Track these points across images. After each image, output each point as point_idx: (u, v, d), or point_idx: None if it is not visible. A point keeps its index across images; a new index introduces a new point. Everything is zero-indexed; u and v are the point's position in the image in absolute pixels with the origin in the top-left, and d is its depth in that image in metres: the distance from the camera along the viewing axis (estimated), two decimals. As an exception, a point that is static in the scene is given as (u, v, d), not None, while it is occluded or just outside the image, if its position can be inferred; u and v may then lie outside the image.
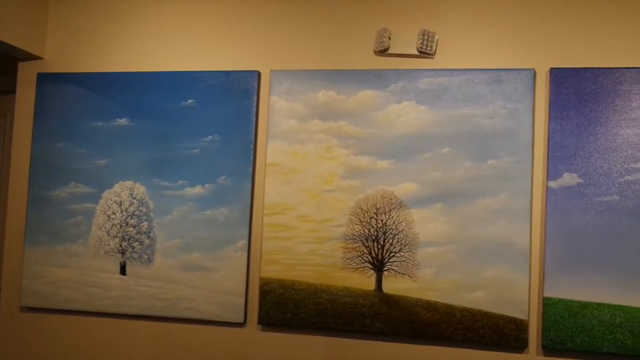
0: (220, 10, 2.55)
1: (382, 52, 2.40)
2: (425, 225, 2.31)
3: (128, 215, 2.53)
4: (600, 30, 2.26)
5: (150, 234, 2.50)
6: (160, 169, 2.51)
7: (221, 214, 2.45)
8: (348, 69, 2.42)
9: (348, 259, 2.37)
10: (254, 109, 2.47)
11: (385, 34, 2.38)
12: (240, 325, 2.45)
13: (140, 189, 2.52)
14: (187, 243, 2.47)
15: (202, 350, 2.48)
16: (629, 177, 2.19)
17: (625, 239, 2.18)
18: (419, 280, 2.31)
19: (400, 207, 2.34)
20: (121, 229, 2.53)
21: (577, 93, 2.24)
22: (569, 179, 2.23)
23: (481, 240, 2.27)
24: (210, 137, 2.48)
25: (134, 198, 2.52)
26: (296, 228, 2.40)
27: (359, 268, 2.36)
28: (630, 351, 2.14)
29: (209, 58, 2.56)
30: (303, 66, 2.46)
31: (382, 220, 2.35)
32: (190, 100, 2.51)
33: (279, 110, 2.45)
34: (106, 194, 2.55)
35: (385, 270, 2.34)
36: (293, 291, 2.39)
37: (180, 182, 2.49)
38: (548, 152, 2.25)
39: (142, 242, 2.51)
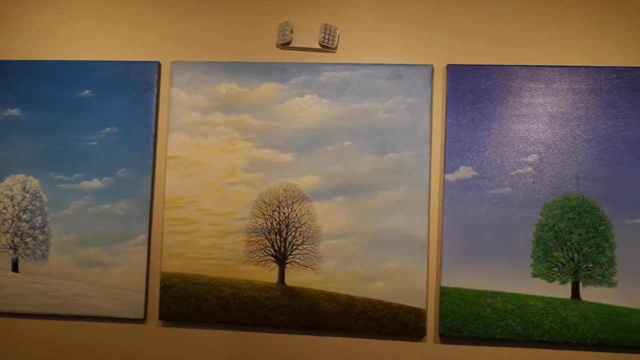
0: (120, -1, 2.49)
1: (285, 45, 2.39)
2: (327, 217, 2.33)
3: (20, 210, 2.42)
4: (495, 28, 2.34)
5: (45, 229, 2.41)
6: (55, 161, 2.42)
7: (120, 208, 2.39)
8: (250, 61, 2.40)
9: (250, 252, 2.36)
10: (154, 101, 2.41)
11: (287, 28, 2.37)
12: (141, 321, 2.40)
13: (33, 183, 2.42)
14: (84, 238, 2.39)
15: (101, 348, 2.41)
16: (520, 171, 2.28)
17: (516, 229, 2.27)
18: (321, 272, 2.32)
19: (302, 200, 2.35)
20: (13, 224, 2.43)
21: (472, 89, 2.31)
22: (464, 172, 2.29)
23: (381, 232, 2.31)
24: (108, 129, 2.41)
25: (27, 192, 2.42)
26: (198, 222, 2.37)
27: (261, 261, 2.35)
28: (521, 336, 2.23)
29: (107, 47, 2.48)
30: (205, 58, 2.43)
31: (284, 213, 2.35)
32: (87, 91, 2.42)
33: (180, 102, 2.40)
34: (-4, 188, 2.44)
35: (288, 263, 2.34)
36: (195, 286, 2.36)
37: (77, 175, 2.41)
38: (445, 146, 2.31)
39: (35, 237, 2.41)
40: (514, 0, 2.35)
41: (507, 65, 2.31)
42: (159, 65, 2.43)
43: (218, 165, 2.38)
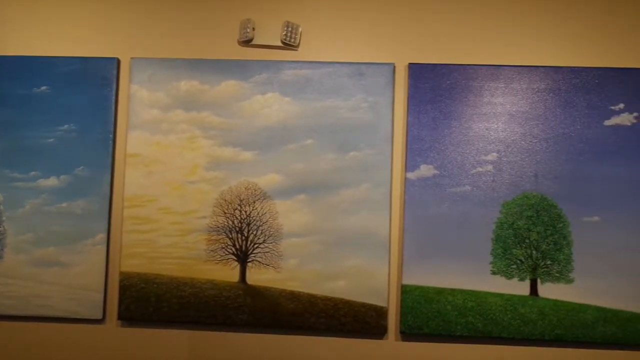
0: (79, -7, 2.44)
1: (246, 42, 2.38)
2: (289, 216, 2.32)
3: (-26, 209, 2.37)
4: (456, 28, 2.36)
5: (0, 228, 2.36)
6: (10, 159, 2.36)
7: (78, 206, 2.35)
8: (212, 58, 2.38)
9: (212, 251, 2.34)
10: (113, 98, 2.38)
11: (249, 25, 2.36)
12: (99, 321, 2.36)
13: (-13, 181, 2.37)
14: (41, 237, 2.35)
15: (58, 349, 2.37)
16: (480, 169, 2.30)
17: (476, 227, 2.29)
18: (282, 271, 2.32)
19: (264, 199, 2.33)
20: (-34, 224, 2.37)
21: (433, 88, 2.32)
22: (425, 170, 2.31)
23: (343, 230, 2.31)
24: (66, 126, 2.37)
25: (-19, 190, 2.37)
26: (158, 220, 2.34)
27: (222, 260, 2.33)
28: (481, 333, 2.25)
29: (65, 43, 2.43)
30: (165, 54, 2.40)
31: (246, 212, 2.34)
32: (43, 87, 2.38)
33: (140, 100, 2.37)
34: (-51, 186, 2.37)
35: (250, 261, 2.33)
36: (155, 285, 2.33)
37: (33, 173, 2.36)
38: (406, 145, 2.32)
39: (-10, 237, 2.36)
40: (475, 1, 2.37)
41: (467, 65, 2.33)
42: (118, 61, 2.40)
43: (179, 164, 2.36)
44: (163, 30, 2.42)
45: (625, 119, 2.27)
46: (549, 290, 2.27)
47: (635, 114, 2.26)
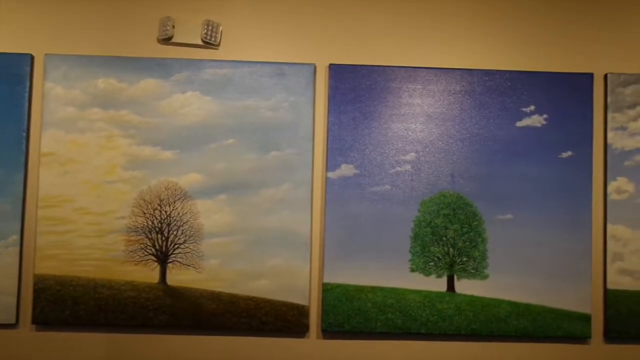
0: (-10, -13, 2.36)
1: (166, 40, 2.35)
2: (210, 216, 2.31)
3: None
4: (376, 30, 2.40)
5: None
6: None
7: (-11, 207, 2.27)
8: (130, 56, 2.34)
9: (131, 252, 2.30)
10: (27, 95, 2.31)
11: (169, 23, 2.33)
12: (12, 326, 2.29)
13: None
14: (-52, 240, 2.26)
15: (-32, 356, 2.28)
16: (399, 169, 2.34)
17: (395, 226, 2.33)
18: (203, 271, 2.30)
19: (184, 198, 2.31)
20: None
21: (353, 88, 2.35)
22: (346, 170, 2.34)
23: (265, 230, 2.31)
24: (-24, 124, 2.28)
25: None
26: (75, 221, 2.29)
27: (142, 261, 2.30)
28: (400, 329, 2.30)
29: (-26, 38, 2.35)
30: (81, 51, 2.34)
31: (166, 212, 2.31)
32: (-48, 84, 2.29)
33: (55, 97, 2.31)
34: None
35: (170, 262, 2.30)
36: (71, 287, 2.27)
37: (-58, 173, 2.27)
38: (327, 144, 2.34)
39: None
40: (395, 3, 2.41)
41: (387, 66, 2.37)
42: (31, 57, 2.32)
43: (96, 163, 2.31)
44: (79, 26, 2.36)
45: (535, 120, 2.36)
46: (465, 286, 2.33)
47: (544, 116, 2.36)
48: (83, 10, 2.37)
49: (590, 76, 2.37)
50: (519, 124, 2.36)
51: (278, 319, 2.29)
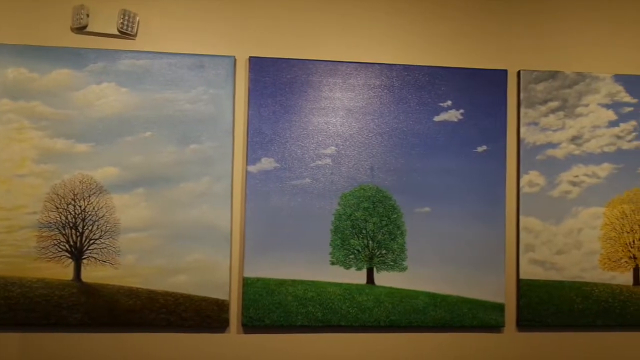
0: None
1: (80, 29, 2.28)
2: (127, 210, 2.26)
3: None
4: (297, 23, 2.40)
5: None
6: None
7: None
8: (42, 45, 2.26)
9: (43, 248, 2.22)
10: None
11: (82, 11, 2.26)
12: None
13: None
14: None
15: None
16: (319, 162, 2.35)
17: (316, 219, 2.34)
18: (120, 267, 2.25)
19: (100, 193, 2.25)
20: None
21: (274, 82, 2.34)
22: (266, 163, 2.33)
23: (184, 224, 2.28)
24: None
25: None
26: (-18, 217, 2.20)
27: (55, 257, 2.23)
28: (321, 322, 2.31)
29: None
30: (-12, 39, 2.25)
31: (80, 207, 2.24)
32: None
33: (-40, 87, 2.21)
34: None
35: (85, 258, 2.24)
36: (-21, 286, 2.18)
37: None
38: (247, 138, 2.32)
39: None
40: (317, -3, 2.42)
41: (307, 60, 2.37)
42: None
43: (5, 156, 2.22)
44: (-14, 13, 2.26)
45: (452, 115, 2.41)
46: (384, 279, 2.36)
47: (461, 111, 2.41)
48: (-10, -4, 2.27)
49: (504, 73, 2.44)
50: (436, 118, 2.40)
51: (198, 315, 2.27)
